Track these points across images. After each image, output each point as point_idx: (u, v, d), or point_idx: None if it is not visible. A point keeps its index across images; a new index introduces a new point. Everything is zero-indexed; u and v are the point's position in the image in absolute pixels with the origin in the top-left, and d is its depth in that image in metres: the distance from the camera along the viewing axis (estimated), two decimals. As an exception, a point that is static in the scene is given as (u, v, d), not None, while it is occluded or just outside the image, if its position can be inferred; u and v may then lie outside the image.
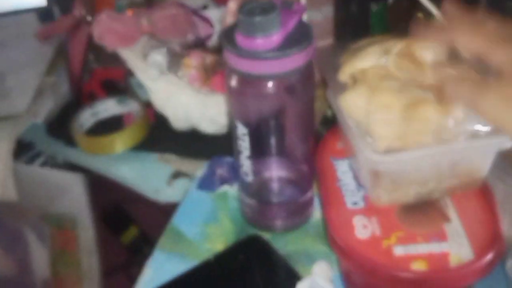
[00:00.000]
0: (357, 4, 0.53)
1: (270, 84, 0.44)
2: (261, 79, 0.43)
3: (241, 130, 0.48)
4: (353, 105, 0.43)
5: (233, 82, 0.45)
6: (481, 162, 0.45)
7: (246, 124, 0.47)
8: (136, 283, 0.52)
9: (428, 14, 0.56)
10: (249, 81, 0.44)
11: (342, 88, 0.45)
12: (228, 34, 0.43)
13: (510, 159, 0.48)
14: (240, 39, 0.42)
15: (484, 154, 0.45)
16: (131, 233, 0.94)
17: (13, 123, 0.75)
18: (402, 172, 0.44)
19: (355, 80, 0.45)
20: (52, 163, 0.75)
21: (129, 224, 0.95)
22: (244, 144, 0.49)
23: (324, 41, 0.62)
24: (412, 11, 0.60)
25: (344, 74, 0.45)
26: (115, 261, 0.92)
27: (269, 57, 0.42)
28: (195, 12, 0.74)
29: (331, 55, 0.48)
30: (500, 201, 0.45)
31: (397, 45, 0.44)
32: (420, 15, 0.60)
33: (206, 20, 0.74)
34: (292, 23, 0.43)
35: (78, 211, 0.78)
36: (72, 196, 0.76)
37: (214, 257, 0.52)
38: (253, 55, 0.42)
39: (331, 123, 0.60)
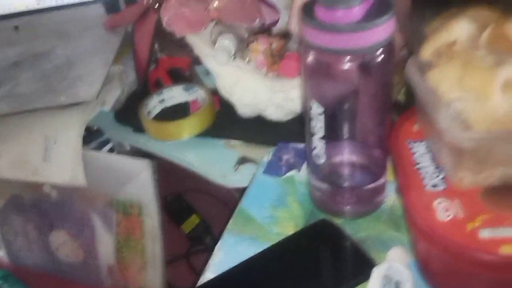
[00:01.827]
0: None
1: (348, 61, 0.43)
2: (341, 55, 0.42)
3: (316, 110, 0.47)
4: (443, 81, 0.41)
5: (311, 58, 0.44)
6: None
7: (322, 104, 0.46)
8: (207, 266, 0.52)
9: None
10: (328, 57, 0.43)
11: (427, 64, 0.43)
12: (307, 8, 0.42)
13: None
14: (320, 12, 0.41)
15: None
16: (192, 222, 0.95)
17: (82, 111, 0.77)
18: (489, 152, 0.42)
19: (441, 55, 0.43)
20: (120, 150, 0.77)
21: (191, 213, 0.96)
22: (318, 124, 0.48)
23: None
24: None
25: (430, 49, 0.44)
26: (176, 249, 0.93)
27: (350, 30, 0.40)
28: (261, -2, 0.73)
29: (412, 26, 0.46)
30: None
31: (487, 20, 0.42)
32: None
33: (272, 6, 0.73)
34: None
35: (144, 198, 0.79)
36: (138, 182, 0.77)
37: (285, 240, 0.52)
38: (334, 29, 0.40)
39: (403, 108, 0.58)
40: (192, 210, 0.97)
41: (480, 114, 0.39)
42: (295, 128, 0.65)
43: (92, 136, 0.78)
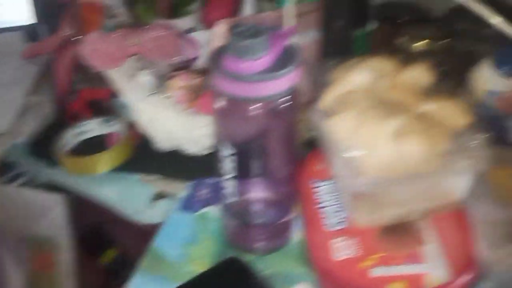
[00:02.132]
0: (339, 28, 0.55)
1: (256, 106, 0.45)
2: (248, 102, 0.44)
3: (227, 152, 0.49)
4: (339, 129, 0.44)
5: (220, 104, 0.46)
6: (457, 186, 0.46)
7: (232, 145, 0.48)
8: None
9: (410, 39, 0.58)
10: (236, 104, 0.45)
11: (328, 111, 0.46)
12: (216, 57, 0.44)
13: (487, 183, 0.50)
14: (228, 61, 0.43)
15: (460, 179, 0.46)
16: (110, 255, 0.93)
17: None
18: (382, 194, 0.45)
19: (340, 103, 0.46)
20: (33, 183, 0.75)
21: (108, 246, 0.94)
22: (229, 165, 0.50)
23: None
24: (394, 36, 0.62)
25: (330, 97, 0.47)
26: (93, 283, 0.91)
27: (256, 79, 0.43)
28: (182, 34, 0.75)
29: (316, 75, 0.49)
30: (476, 224, 0.47)
31: (385, 70, 0.46)
32: (401, 40, 0.62)
33: (193, 42, 0.75)
34: (280, 46, 0.45)
35: (57, 233, 0.77)
36: (52, 217, 0.75)
37: (193, 279, 0.52)
38: (241, 78, 0.43)
39: (312, 146, 0.61)
40: (110, 243, 0.95)
41: (370, 161, 0.42)
42: (213, 163, 0.66)
43: (4, 169, 0.75)
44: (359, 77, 0.47)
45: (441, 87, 0.46)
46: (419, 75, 0.46)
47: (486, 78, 0.55)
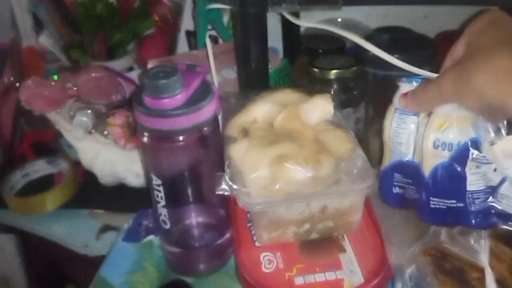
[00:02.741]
0: (255, 64, 0.60)
1: (178, 138, 0.49)
2: (169, 134, 0.49)
3: (155, 181, 0.52)
4: (236, 156, 0.49)
5: (145, 138, 0.50)
6: (350, 206, 0.51)
7: (160, 176, 0.52)
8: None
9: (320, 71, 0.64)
10: (159, 137, 0.50)
11: (231, 138, 0.51)
12: (137, 95, 0.49)
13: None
14: (147, 100, 0.47)
15: (350, 200, 0.51)
16: (69, 290, 0.95)
17: None
18: (275, 212, 0.50)
19: (242, 130, 0.51)
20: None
21: (66, 283, 0.96)
22: (159, 194, 0.53)
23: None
24: (309, 68, 0.68)
25: (234, 125, 0.52)
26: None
27: (174, 114, 0.47)
28: (119, 74, 0.79)
29: (235, 106, 0.54)
30: (386, 234, 0.52)
31: (288, 102, 0.51)
32: (315, 71, 0.68)
33: (131, 81, 0.79)
34: (195, 83, 0.50)
35: (11, 273, 0.79)
36: (4, 257, 0.77)
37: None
38: (160, 114, 0.47)
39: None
40: (68, 279, 0.96)
41: (254, 183, 0.47)
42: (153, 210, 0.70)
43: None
44: (262, 108, 0.52)
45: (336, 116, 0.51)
46: (319, 106, 0.51)
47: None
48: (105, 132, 0.72)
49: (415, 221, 0.51)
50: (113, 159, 0.72)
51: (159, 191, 0.53)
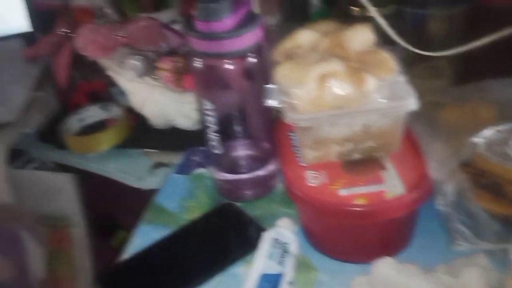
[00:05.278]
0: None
1: (226, 62, 0.53)
2: (218, 57, 0.52)
3: (206, 106, 0.56)
4: (281, 75, 0.52)
5: (196, 62, 0.54)
6: (391, 126, 0.53)
7: (210, 100, 0.56)
8: (124, 249, 0.59)
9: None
10: (209, 61, 0.53)
11: (277, 62, 0.54)
12: (189, 22, 0.53)
13: (438, 119, 0.57)
14: (198, 24, 0.51)
15: (392, 119, 0.53)
16: (121, 236, 1.00)
17: (5, 134, 0.83)
18: (319, 130, 0.53)
19: (286, 55, 0.54)
20: (44, 167, 0.83)
21: (118, 228, 1.01)
22: (210, 119, 0.57)
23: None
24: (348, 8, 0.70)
25: (279, 51, 0.55)
26: (105, 262, 0.98)
27: (222, 37, 0.51)
28: (165, 25, 0.83)
29: (278, 36, 0.57)
30: (425, 149, 0.54)
31: (329, 30, 0.54)
32: (356, 10, 0.70)
33: (176, 32, 0.83)
34: (242, 10, 0.53)
35: (71, 211, 0.84)
36: (64, 196, 0.83)
37: (195, 221, 0.60)
38: (209, 36, 0.51)
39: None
40: (120, 226, 1.02)
41: (301, 99, 0.50)
42: (204, 135, 0.74)
43: (17, 156, 0.83)
44: (305, 35, 0.55)
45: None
46: (360, 34, 0.54)
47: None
48: (155, 77, 0.76)
49: (454, 136, 0.53)
50: (163, 102, 0.76)
51: (210, 116, 0.57)
